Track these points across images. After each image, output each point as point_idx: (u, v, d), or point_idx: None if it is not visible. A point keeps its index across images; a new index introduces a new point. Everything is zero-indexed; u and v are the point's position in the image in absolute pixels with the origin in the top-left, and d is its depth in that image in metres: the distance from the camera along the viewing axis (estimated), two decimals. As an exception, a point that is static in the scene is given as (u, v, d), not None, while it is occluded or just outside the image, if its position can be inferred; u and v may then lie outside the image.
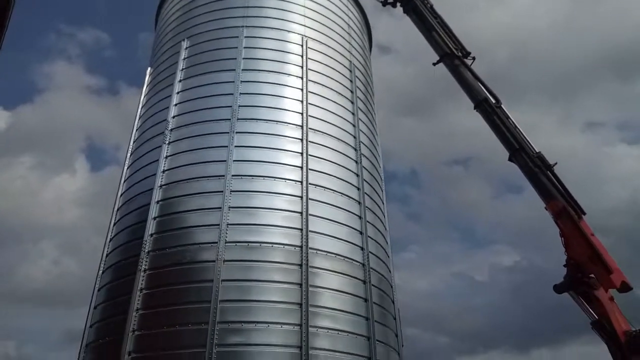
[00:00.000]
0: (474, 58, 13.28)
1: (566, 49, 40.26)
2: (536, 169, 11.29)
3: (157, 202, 9.77)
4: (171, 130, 10.88)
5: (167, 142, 10.67)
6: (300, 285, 8.84)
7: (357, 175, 11.50)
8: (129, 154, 11.82)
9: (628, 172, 37.00)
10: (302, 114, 11.19)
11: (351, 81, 13.20)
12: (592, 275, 10.13)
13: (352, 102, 12.79)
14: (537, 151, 11.48)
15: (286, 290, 8.76)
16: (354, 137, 12.13)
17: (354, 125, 12.33)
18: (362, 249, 10.39)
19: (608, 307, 9.91)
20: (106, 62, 50.51)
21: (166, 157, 10.44)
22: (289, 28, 12.65)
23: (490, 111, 12.24)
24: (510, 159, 11.90)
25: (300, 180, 10.18)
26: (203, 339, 7.92)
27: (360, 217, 10.83)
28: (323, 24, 13.42)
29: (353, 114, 12.56)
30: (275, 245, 9.18)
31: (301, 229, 9.52)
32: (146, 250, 9.15)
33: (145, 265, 8.99)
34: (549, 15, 39.91)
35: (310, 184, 10.18)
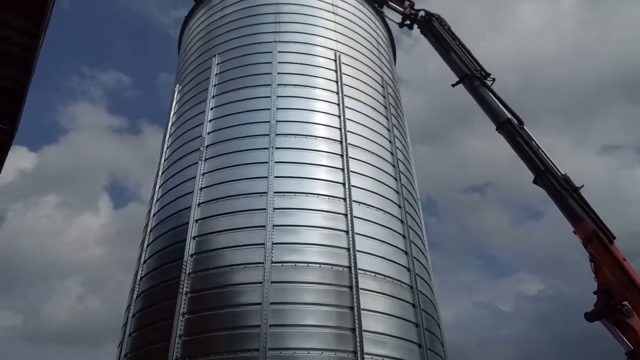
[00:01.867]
0: (494, 79, 13.09)
1: (578, 73, 40.32)
2: (564, 191, 10.91)
3: (196, 220, 9.30)
4: (207, 146, 10.48)
5: (203, 158, 10.26)
6: (352, 308, 8.30)
7: (398, 193, 11.05)
8: (160, 173, 11.39)
9: (650, 195, 36.31)
10: (340, 129, 10.82)
11: (384, 97, 12.90)
12: (626, 303, 9.61)
13: (387, 119, 12.44)
14: (563, 173, 11.14)
15: (338, 314, 8.20)
16: (392, 154, 11.73)
17: (390, 142, 11.95)
18: (408, 269, 9.87)
19: None
20: (127, 102, 52.03)
21: (203, 174, 10.01)
22: (321, 43, 12.39)
23: (514, 132, 11.89)
24: (535, 182, 11.52)
25: (343, 197, 9.73)
26: (255, 368, 7.35)
27: (404, 237, 10.33)
28: (354, 40, 13.18)
29: (389, 130, 12.20)
30: (323, 266, 8.66)
31: (348, 249, 9.02)
32: (187, 272, 8.63)
33: (187, 287, 8.46)
34: (559, 40, 40.02)
35: (354, 201, 9.73)
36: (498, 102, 12.48)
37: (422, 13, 14.80)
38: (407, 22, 15.17)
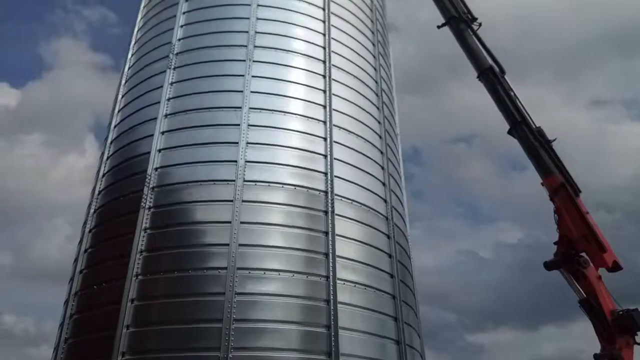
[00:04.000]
0: (480, 24, 12.63)
1: (570, 26, 39.51)
2: (536, 143, 10.97)
3: (162, 132, 8.50)
4: (177, 54, 9.50)
5: (172, 67, 9.31)
6: (327, 233, 7.89)
7: (379, 123, 10.50)
8: (123, 82, 10.36)
9: (634, 150, 37.12)
10: (324, 48, 10.00)
11: (372, 22, 12.04)
12: (583, 254, 10.07)
13: (374, 45, 11.65)
14: (537, 126, 11.17)
15: (311, 237, 7.79)
16: (376, 82, 11.06)
17: (375, 69, 11.25)
18: (385, 200, 9.50)
19: (596, 285, 9.87)
20: (112, 39, 48.23)
21: (171, 83, 9.10)
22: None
23: (495, 80, 11.69)
24: (510, 132, 11.51)
25: (324, 120, 9.10)
26: (221, 286, 6.90)
27: (382, 168, 9.89)
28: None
29: (374, 57, 11.45)
30: (298, 188, 8.14)
31: (326, 173, 8.50)
32: (150, 186, 7.94)
33: (150, 202, 7.80)
34: None
35: (334, 125, 9.12)
36: (482, 49, 12.21)
37: None
38: None
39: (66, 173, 41.18)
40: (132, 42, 10.98)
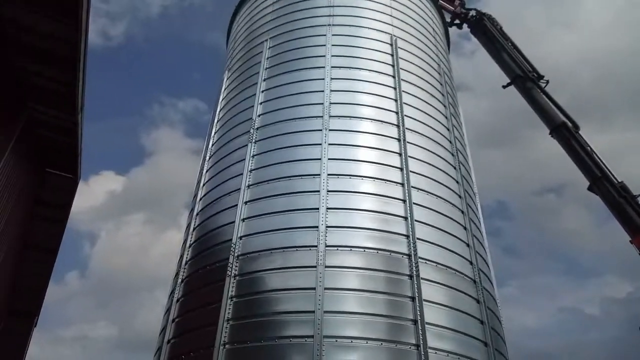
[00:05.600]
0: (547, 81, 12.54)
1: None
2: (621, 199, 10.28)
3: (245, 202, 8.83)
4: (257, 128, 10.05)
5: (253, 140, 9.83)
6: (413, 299, 7.58)
7: (458, 183, 10.29)
8: (208, 157, 11.05)
9: None
10: (397, 113, 10.19)
11: (441, 84, 12.19)
12: None
13: (445, 106, 11.72)
14: (620, 180, 10.53)
15: (397, 303, 7.50)
16: (450, 142, 10.99)
17: (448, 130, 11.22)
18: (470, 262, 9.06)
19: None
20: (204, 126, 53.80)
21: (253, 156, 9.57)
22: (377, 27, 11.85)
23: (569, 136, 11.34)
24: (590, 188, 10.95)
25: (401, 182, 9.06)
26: (308, 356, 6.73)
27: (465, 228, 9.54)
28: (410, 25, 12.60)
29: (446, 117, 11.47)
30: (380, 252, 8.00)
31: (407, 236, 8.33)
32: (235, 254, 8.15)
33: (235, 270, 7.97)
34: (630, 32, 37.55)
35: (412, 186, 9.04)
36: (552, 105, 11.98)
37: (472, 12, 14.44)
38: (457, 21, 14.82)
39: (165, 248, 44.07)
40: (215, 120, 11.80)
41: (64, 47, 5.59)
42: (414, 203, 8.79)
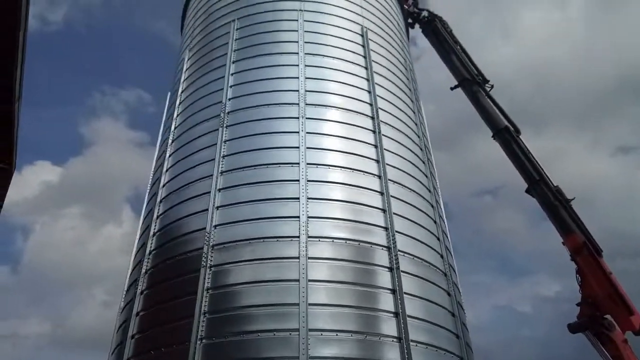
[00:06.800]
0: (492, 85, 12.89)
1: (587, 76, 40.36)
2: (556, 202, 10.74)
3: (219, 189, 8.37)
4: (228, 113, 9.56)
5: (224, 125, 9.34)
6: (394, 291, 7.55)
7: (427, 177, 10.43)
8: (170, 140, 10.37)
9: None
10: (371, 105, 10.11)
11: (408, 79, 12.30)
12: (607, 316, 9.59)
13: (413, 101, 11.83)
14: (556, 185, 11.01)
15: (380, 295, 7.44)
16: (419, 137, 11.11)
17: (416, 124, 11.34)
18: (442, 256, 9.22)
19: (622, 350, 9.32)
20: (148, 117, 51.15)
21: (225, 141, 9.09)
22: (348, 17, 11.69)
23: (511, 140, 11.70)
24: (527, 191, 11.36)
25: (378, 174, 9.00)
26: (294, 349, 6.48)
27: (435, 222, 9.69)
28: (379, 18, 12.56)
29: (414, 112, 11.59)
30: (361, 244, 7.89)
31: (387, 228, 8.29)
32: (210, 244, 7.69)
33: (211, 261, 7.52)
34: (567, 45, 40.04)
35: (389, 179, 9.01)
36: (496, 109, 12.31)
37: (425, 13, 14.59)
38: (410, 20, 14.94)
39: (104, 243, 42.17)
40: (178, 102, 11.10)
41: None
42: (391, 196, 8.77)
